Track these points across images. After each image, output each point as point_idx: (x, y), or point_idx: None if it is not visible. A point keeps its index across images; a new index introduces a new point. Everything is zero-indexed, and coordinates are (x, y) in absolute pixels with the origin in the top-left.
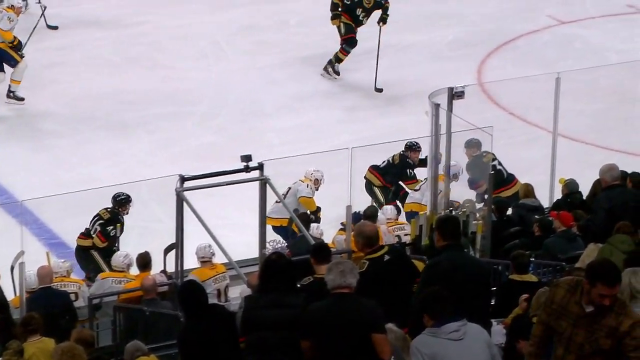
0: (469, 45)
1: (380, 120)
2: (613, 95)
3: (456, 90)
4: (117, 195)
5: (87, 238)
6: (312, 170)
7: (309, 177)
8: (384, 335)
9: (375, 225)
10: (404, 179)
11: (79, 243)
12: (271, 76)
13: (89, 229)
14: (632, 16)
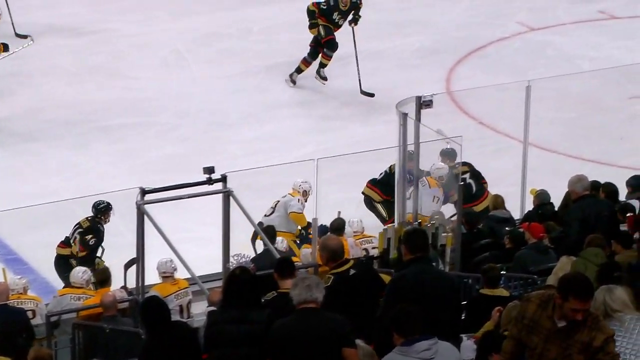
0: (436, 52)
1: (347, 130)
2: (585, 104)
3: (424, 99)
4: (97, 203)
5: (67, 247)
6: (300, 182)
7: (297, 190)
8: (355, 349)
9: (339, 239)
10: None
11: (58, 252)
12: (234, 85)
13: (69, 237)
14: (604, 22)
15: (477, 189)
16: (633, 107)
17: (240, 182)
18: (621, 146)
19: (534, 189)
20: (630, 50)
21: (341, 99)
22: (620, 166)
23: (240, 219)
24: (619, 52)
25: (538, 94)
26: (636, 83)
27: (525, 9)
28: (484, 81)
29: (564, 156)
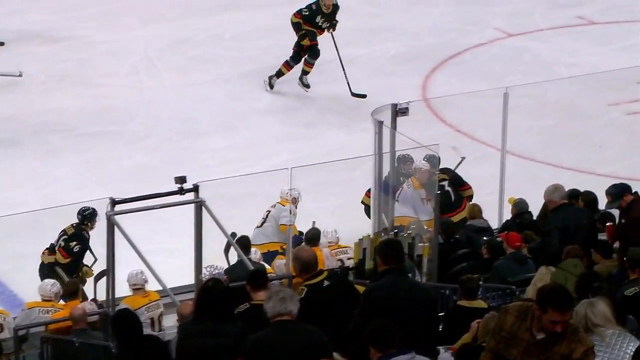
0: (412, 59)
1: (322, 139)
2: (563, 111)
3: (400, 106)
4: (82, 209)
5: (52, 254)
6: (287, 190)
7: (285, 198)
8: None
9: (312, 250)
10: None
11: (43, 259)
12: (206, 93)
13: (54, 244)
14: (582, 28)
15: (456, 198)
16: (611, 114)
17: (212, 191)
18: (600, 154)
19: (512, 197)
20: (609, 56)
21: (315, 106)
22: (599, 174)
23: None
24: (597, 58)
25: (515, 101)
26: (615, 89)
27: (502, 14)
28: (461, 88)
29: (542, 164)
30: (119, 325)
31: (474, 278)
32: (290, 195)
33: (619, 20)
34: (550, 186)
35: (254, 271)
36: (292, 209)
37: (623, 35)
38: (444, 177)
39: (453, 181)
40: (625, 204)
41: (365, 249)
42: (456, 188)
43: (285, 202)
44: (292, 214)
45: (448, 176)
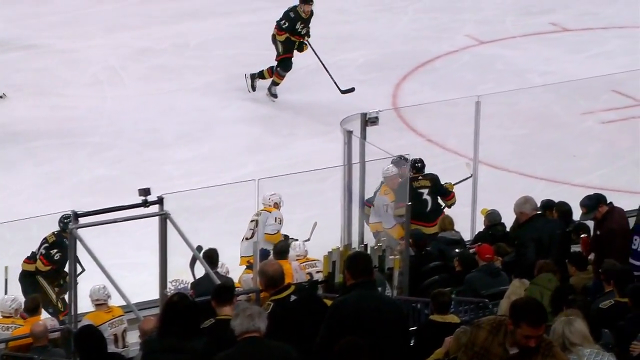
0: (382, 68)
1: (289, 149)
2: (536, 120)
3: (370, 116)
4: (63, 217)
5: (32, 262)
6: (269, 195)
7: (267, 204)
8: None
9: (279, 264)
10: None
11: (24, 267)
12: (170, 103)
13: (35, 252)
14: (556, 35)
15: (433, 208)
16: (586, 122)
17: (177, 204)
18: (574, 164)
19: (485, 209)
20: (583, 64)
21: (282, 116)
22: (573, 184)
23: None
24: (571, 66)
25: (488, 110)
26: (589, 98)
27: (473, 21)
28: (432, 97)
29: (515, 174)
30: (83, 342)
31: (446, 292)
32: (271, 201)
33: (593, 27)
34: (521, 198)
35: (219, 286)
36: (279, 215)
37: (597, 42)
38: (426, 183)
39: (435, 190)
40: (600, 215)
41: (334, 262)
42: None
43: (270, 208)
44: (278, 221)
45: (431, 183)
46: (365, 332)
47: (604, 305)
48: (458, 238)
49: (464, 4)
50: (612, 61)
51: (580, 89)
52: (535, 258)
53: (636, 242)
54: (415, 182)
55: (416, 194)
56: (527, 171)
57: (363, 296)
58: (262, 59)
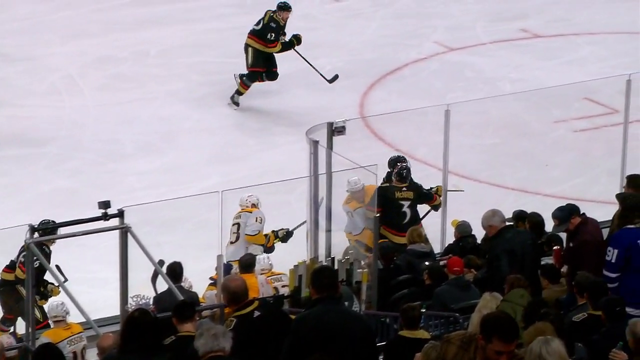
0: (349, 75)
1: (254, 160)
2: (507, 129)
3: (336, 125)
4: (42, 223)
5: (12, 271)
6: (246, 197)
7: (246, 205)
8: None
9: (241, 279)
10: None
11: (3, 277)
12: (131, 113)
13: (14, 261)
14: (526, 41)
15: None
16: (558, 131)
17: (139, 217)
18: (546, 173)
19: (455, 220)
20: (554, 71)
21: (246, 126)
22: (545, 195)
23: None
24: (542, 73)
25: (458, 119)
26: (561, 106)
27: (441, 28)
28: (400, 105)
29: (486, 185)
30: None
31: (415, 307)
32: (249, 202)
33: (565, 33)
34: (488, 212)
35: (180, 302)
36: (260, 214)
37: (569, 49)
38: (409, 195)
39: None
40: (573, 226)
41: (300, 276)
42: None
43: (249, 209)
44: (259, 220)
45: (414, 195)
46: (330, 348)
47: (577, 318)
48: (427, 250)
49: (433, 9)
50: (585, 68)
51: (552, 97)
52: (509, 271)
53: (610, 254)
54: (399, 192)
55: (397, 204)
56: (498, 181)
57: (326, 311)
58: (227, 67)
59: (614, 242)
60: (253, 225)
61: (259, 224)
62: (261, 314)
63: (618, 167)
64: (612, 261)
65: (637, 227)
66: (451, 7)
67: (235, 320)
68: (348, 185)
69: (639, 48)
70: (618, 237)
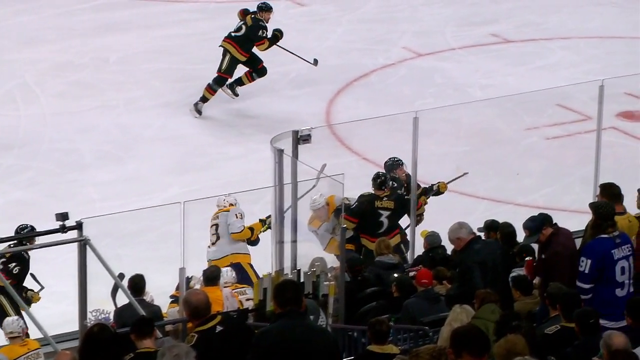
0: (314, 82)
1: (217, 169)
2: (478, 136)
3: (302, 133)
4: (19, 228)
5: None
6: (224, 197)
7: (223, 206)
8: None
9: (203, 294)
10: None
11: None
12: (90, 121)
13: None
14: (497, 46)
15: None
16: (530, 138)
17: (98, 229)
18: (518, 182)
19: (425, 230)
20: (526, 77)
21: (209, 134)
22: (517, 204)
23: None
24: (513, 79)
25: (427, 126)
26: (532, 112)
27: (409, 33)
28: (368, 113)
29: (456, 194)
30: None
31: (384, 320)
32: (227, 202)
33: (536, 37)
34: (454, 224)
35: (138, 318)
36: (238, 211)
37: (540, 54)
38: (389, 206)
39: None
40: (545, 237)
41: (265, 289)
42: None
43: (227, 209)
44: (239, 216)
45: (394, 205)
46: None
47: (549, 330)
48: (396, 262)
49: (401, 14)
50: (557, 74)
51: (523, 103)
52: (482, 283)
53: (583, 264)
54: (379, 201)
55: (376, 213)
56: (468, 190)
57: (289, 326)
58: (189, 73)
59: (587, 252)
60: (235, 222)
61: (241, 219)
62: (223, 329)
63: (591, 176)
64: (585, 272)
65: (611, 237)
66: (419, 11)
67: (196, 335)
68: (310, 205)
69: (612, 53)
70: (591, 247)
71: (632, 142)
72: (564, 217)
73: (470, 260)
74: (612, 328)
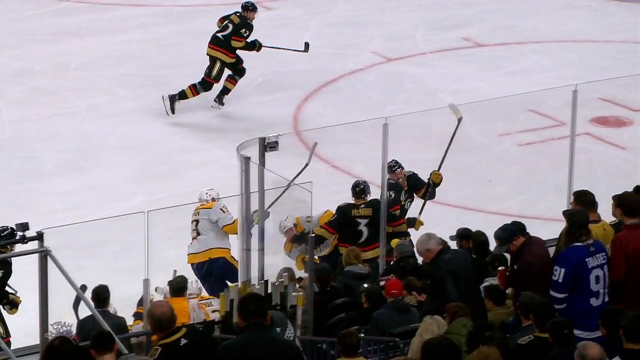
0: (282, 88)
1: (182, 178)
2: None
3: (269, 140)
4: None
5: None
6: (206, 190)
7: (205, 201)
8: None
9: (167, 306)
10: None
11: None
12: (51, 128)
13: None
14: (469, 51)
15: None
16: (502, 145)
17: (59, 239)
18: (490, 190)
19: (395, 240)
20: (498, 82)
21: (173, 141)
22: (489, 212)
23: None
24: (485, 84)
25: (397, 133)
26: (505, 118)
27: (379, 37)
28: (336, 119)
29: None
30: None
31: (354, 332)
32: (209, 196)
33: (508, 42)
34: (422, 236)
35: (97, 333)
36: (221, 205)
37: (512, 58)
38: (367, 213)
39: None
40: (515, 248)
41: (232, 300)
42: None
43: (208, 204)
44: (225, 209)
45: (372, 212)
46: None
47: (522, 341)
48: (366, 272)
49: (370, 18)
50: (529, 78)
51: (495, 109)
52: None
53: (557, 273)
54: (355, 209)
55: (354, 222)
56: (440, 198)
57: (253, 339)
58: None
59: (561, 260)
60: (225, 216)
61: (228, 213)
62: (188, 342)
63: (565, 182)
64: (559, 281)
65: (585, 245)
66: (389, 15)
67: (160, 349)
68: (279, 229)
69: (586, 57)
70: (565, 255)
71: (606, 148)
72: (538, 225)
73: (442, 271)
74: (587, 338)
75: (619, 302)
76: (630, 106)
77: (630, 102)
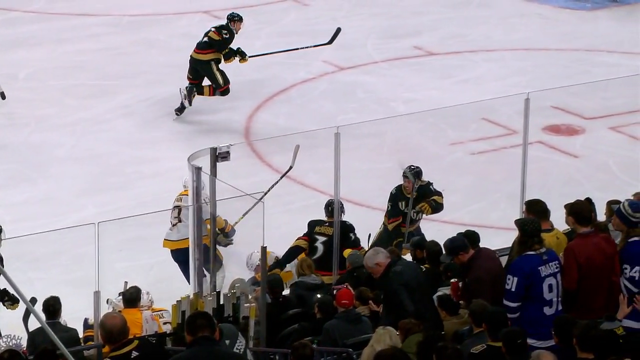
0: (233, 97)
1: (133, 189)
2: (403, 152)
3: (220, 150)
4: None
5: None
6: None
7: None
8: None
9: (120, 317)
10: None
11: None
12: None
13: None
14: (420, 59)
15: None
16: (455, 153)
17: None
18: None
19: (347, 249)
20: (450, 90)
21: (124, 152)
22: (442, 221)
23: None
24: (437, 93)
25: (349, 142)
26: (457, 127)
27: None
28: (288, 128)
29: (380, 212)
30: None
31: (307, 344)
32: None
33: (460, 50)
34: (370, 251)
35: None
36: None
37: (464, 67)
38: (327, 232)
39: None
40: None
41: (184, 312)
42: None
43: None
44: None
45: (333, 232)
46: None
47: (475, 349)
48: (319, 282)
49: (321, 27)
50: (482, 87)
51: (448, 118)
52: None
53: (510, 282)
54: (319, 226)
55: (312, 238)
56: None
57: (199, 353)
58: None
59: (514, 269)
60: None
61: None
62: (139, 355)
63: (518, 191)
64: (512, 290)
65: (537, 254)
66: (340, 24)
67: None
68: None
69: (538, 65)
70: (517, 264)
71: (558, 156)
72: (491, 234)
73: (395, 284)
74: (540, 347)
75: (571, 311)
76: (582, 114)
77: (583, 110)
